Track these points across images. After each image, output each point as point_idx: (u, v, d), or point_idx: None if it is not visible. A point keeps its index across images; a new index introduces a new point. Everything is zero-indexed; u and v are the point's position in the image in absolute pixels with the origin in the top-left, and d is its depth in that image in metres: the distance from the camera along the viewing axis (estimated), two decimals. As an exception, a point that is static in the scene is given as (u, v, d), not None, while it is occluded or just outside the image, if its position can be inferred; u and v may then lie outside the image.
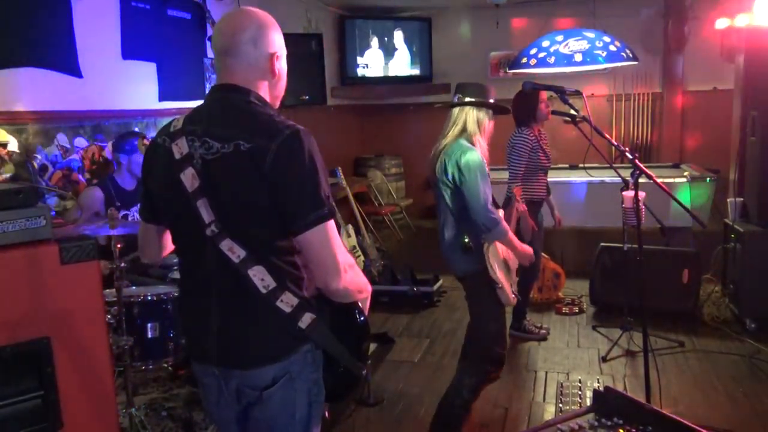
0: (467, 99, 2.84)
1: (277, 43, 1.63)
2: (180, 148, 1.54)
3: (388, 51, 8.08)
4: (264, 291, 1.51)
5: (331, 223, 1.51)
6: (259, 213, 1.50)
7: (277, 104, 1.66)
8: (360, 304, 1.68)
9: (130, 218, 3.51)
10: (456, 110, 2.87)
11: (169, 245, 1.78)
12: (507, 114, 3.05)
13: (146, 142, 3.32)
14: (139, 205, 1.82)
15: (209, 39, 4.80)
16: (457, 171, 2.74)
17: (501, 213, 2.85)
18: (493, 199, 2.80)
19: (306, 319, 1.54)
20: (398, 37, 8.12)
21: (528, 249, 2.90)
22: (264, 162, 1.45)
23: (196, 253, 1.58)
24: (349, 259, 1.56)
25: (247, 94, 1.57)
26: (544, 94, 4.14)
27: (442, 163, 2.79)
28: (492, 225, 2.74)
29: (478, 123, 2.84)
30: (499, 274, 2.79)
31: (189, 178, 1.52)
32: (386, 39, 8.04)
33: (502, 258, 2.86)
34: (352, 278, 1.57)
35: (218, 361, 1.62)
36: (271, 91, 1.65)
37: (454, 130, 2.84)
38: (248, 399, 1.62)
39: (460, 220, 2.81)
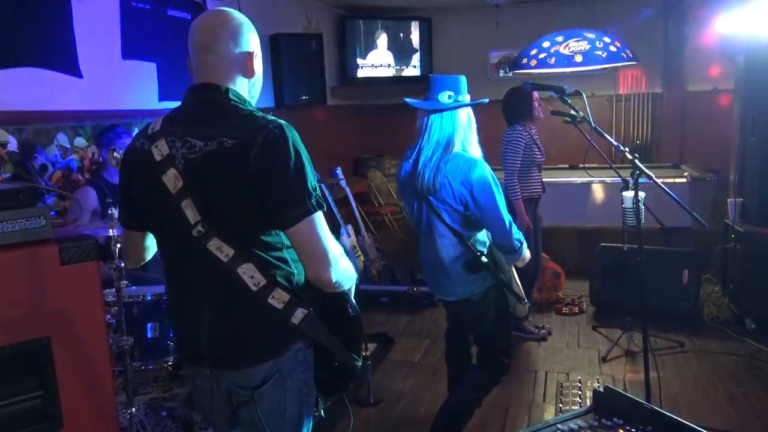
0: (463, 99, 2.51)
1: (254, 42, 1.62)
2: (160, 150, 1.53)
3: (391, 51, 8.08)
4: (255, 289, 1.50)
5: (320, 214, 1.50)
6: (246, 209, 1.49)
7: (254, 104, 1.65)
8: (350, 295, 1.68)
9: None
10: (447, 115, 2.49)
11: (152, 246, 1.77)
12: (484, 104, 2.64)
13: (117, 155, 3.32)
14: (118, 213, 1.79)
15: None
16: (472, 190, 2.41)
17: None
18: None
19: (298, 315, 1.53)
20: (398, 36, 8.12)
21: (527, 255, 2.71)
22: (249, 157, 1.45)
23: (183, 254, 1.57)
24: (339, 249, 1.56)
25: (227, 92, 1.56)
26: (537, 94, 4.17)
27: (443, 181, 2.44)
28: (518, 247, 2.50)
29: (468, 125, 2.53)
30: (521, 288, 2.67)
31: (172, 179, 1.51)
32: (387, 39, 8.04)
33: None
34: (343, 269, 1.56)
35: (211, 363, 1.62)
36: (249, 90, 1.64)
37: (455, 138, 2.48)
38: (239, 399, 1.62)
39: (467, 240, 2.52)
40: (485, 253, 2.56)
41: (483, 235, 2.63)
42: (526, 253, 2.67)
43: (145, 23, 4.51)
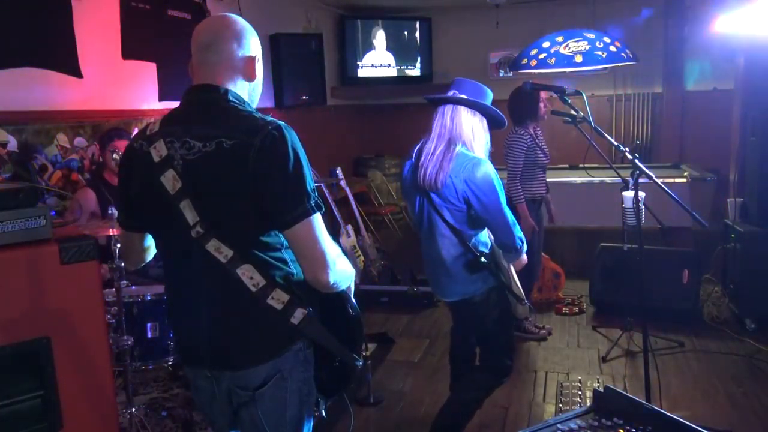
0: (462, 96, 2.51)
1: (255, 47, 1.63)
2: (159, 150, 1.52)
3: (391, 51, 8.09)
4: (254, 289, 1.50)
5: (318, 216, 1.50)
6: (245, 210, 1.49)
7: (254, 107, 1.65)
8: (350, 295, 1.68)
9: None
10: (448, 110, 2.53)
11: (152, 247, 1.77)
12: (501, 128, 2.65)
13: (116, 156, 3.30)
14: (117, 214, 1.79)
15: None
16: (475, 189, 2.41)
17: None
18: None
19: (298, 315, 1.53)
20: (398, 36, 8.12)
21: (524, 258, 2.70)
22: (247, 159, 1.45)
23: (182, 255, 1.57)
24: (336, 250, 1.56)
25: (225, 93, 1.56)
26: (544, 93, 4.14)
27: (447, 178, 2.44)
28: (520, 246, 2.50)
29: (473, 131, 2.51)
30: (520, 288, 2.65)
31: (170, 180, 1.50)
32: (387, 39, 8.04)
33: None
34: (341, 270, 1.57)
35: (210, 364, 1.62)
36: (250, 93, 1.65)
37: (460, 135, 2.48)
38: (240, 399, 1.62)
39: (468, 240, 2.52)
40: (486, 253, 2.55)
41: (485, 236, 2.62)
42: (523, 256, 2.66)
43: (145, 23, 4.51)
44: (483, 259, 2.50)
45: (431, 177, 2.47)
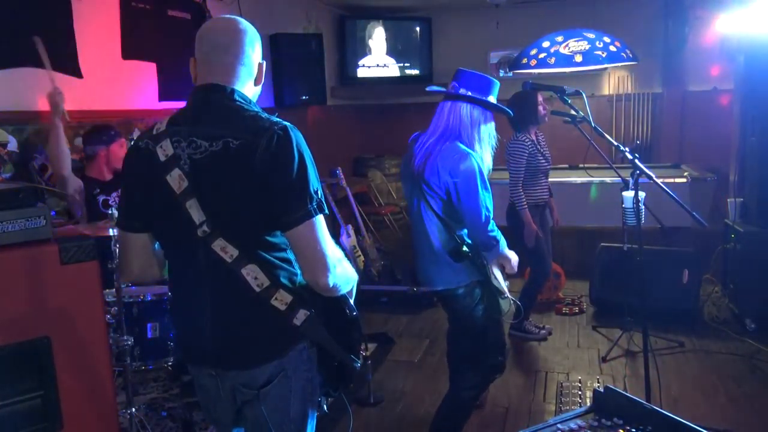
0: (462, 91, 2.50)
1: (262, 54, 1.66)
2: (165, 150, 1.53)
3: (391, 51, 8.09)
4: (258, 290, 1.51)
5: (320, 218, 1.50)
6: (251, 210, 1.49)
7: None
8: (349, 297, 1.68)
9: (111, 202, 3.47)
10: (446, 106, 2.54)
11: (152, 262, 1.70)
12: (508, 115, 2.69)
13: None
14: (117, 216, 1.76)
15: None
16: (457, 181, 2.44)
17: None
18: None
19: (300, 316, 1.54)
20: (398, 36, 8.12)
21: (515, 259, 2.68)
22: (253, 158, 1.45)
23: (187, 255, 1.57)
24: (338, 253, 1.56)
25: (232, 93, 1.57)
26: (541, 95, 4.13)
27: (433, 167, 2.48)
28: (493, 244, 2.52)
29: (472, 124, 2.51)
30: (502, 283, 2.64)
31: (176, 179, 1.51)
32: (387, 39, 8.04)
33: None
34: (341, 273, 1.56)
35: (214, 363, 1.62)
36: (255, 95, 1.67)
37: (458, 129, 2.50)
38: (244, 398, 1.62)
39: (452, 228, 2.55)
40: (469, 243, 2.56)
41: None
42: (508, 254, 2.62)
43: (145, 23, 4.51)
44: (464, 248, 2.51)
45: (419, 165, 2.53)
